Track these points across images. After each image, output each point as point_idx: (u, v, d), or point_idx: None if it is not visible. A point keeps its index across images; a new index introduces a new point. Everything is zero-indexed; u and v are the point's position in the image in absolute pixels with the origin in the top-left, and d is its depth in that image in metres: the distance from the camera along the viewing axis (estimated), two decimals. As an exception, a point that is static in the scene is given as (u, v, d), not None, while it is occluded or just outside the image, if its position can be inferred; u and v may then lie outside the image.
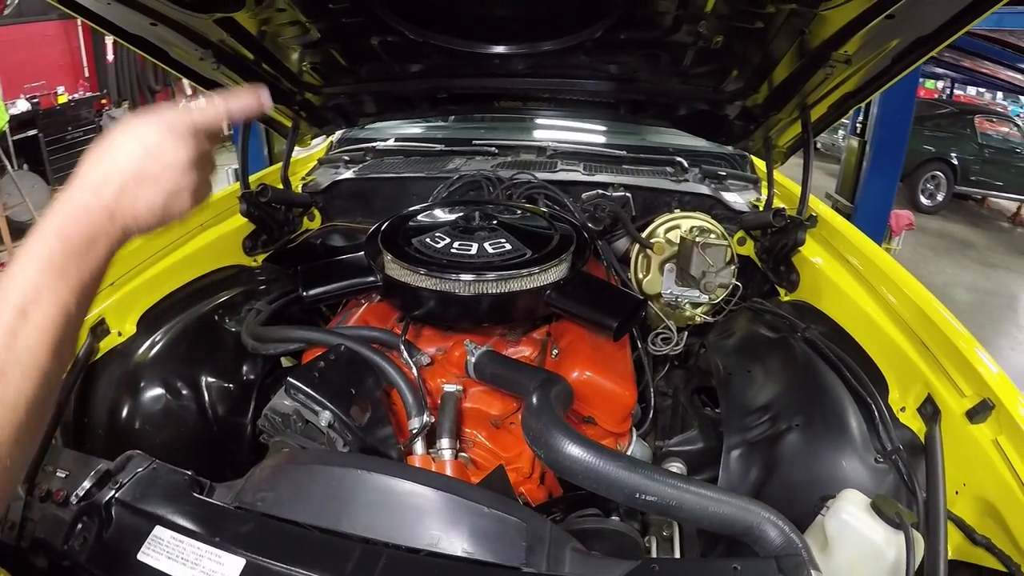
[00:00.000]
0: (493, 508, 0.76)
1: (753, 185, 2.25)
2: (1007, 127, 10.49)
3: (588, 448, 0.86)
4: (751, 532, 0.84)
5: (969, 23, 1.07)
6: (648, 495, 0.82)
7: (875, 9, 1.08)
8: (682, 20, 1.34)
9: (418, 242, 1.43)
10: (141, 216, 0.68)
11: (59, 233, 0.64)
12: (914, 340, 1.28)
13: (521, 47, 1.54)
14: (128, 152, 0.68)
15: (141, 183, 0.68)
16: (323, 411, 1.11)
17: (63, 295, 0.62)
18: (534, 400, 0.99)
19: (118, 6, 1.30)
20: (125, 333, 1.44)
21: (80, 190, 0.67)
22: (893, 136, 5.42)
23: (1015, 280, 7.43)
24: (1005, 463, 1.02)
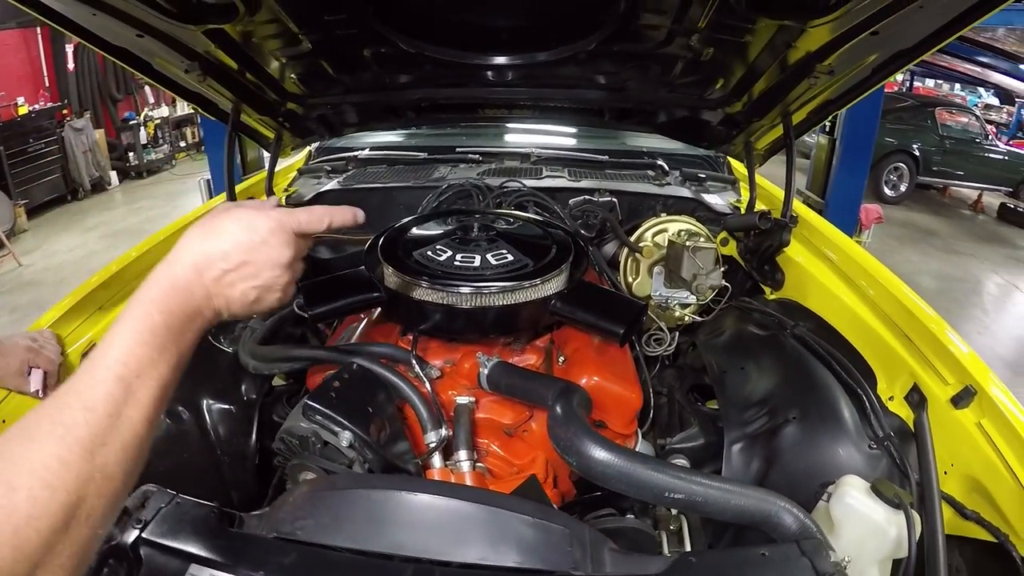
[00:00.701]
0: (536, 517, 0.78)
1: (731, 186, 2.33)
2: (966, 118, 10.96)
3: (619, 453, 0.90)
4: (769, 520, 0.90)
5: (946, 39, 1.15)
6: (677, 493, 0.86)
7: (861, 26, 1.15)
8: (675, 34, 1.38)
9: (420, 255, 1.44)
10: (234, 303, 0.72)
11: (163, 308, 0.66)
12: (898, 333, 1.37)
13: (515, 58, 1.56)
14: (235, 240, 0.71)
15: (242, 273, 0.71)
16: (343, 431, 1.10)
17: (163, 372, 0.64)
18: (559, 410, 1.02)
19: (104, 17, 1.28)
20: None
21: (183, 267, 0.69)
22: (861, 134, 5.64)
23: (978, 266, 7.83)
24: (989, 444, 1.11)
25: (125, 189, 9.57)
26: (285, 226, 0.73)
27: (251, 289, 0.72)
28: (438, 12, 1.48)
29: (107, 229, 7.71)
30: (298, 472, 1.17)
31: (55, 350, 1.32)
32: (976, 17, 1.07)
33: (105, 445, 0.57)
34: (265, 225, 0.72)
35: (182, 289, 0.67)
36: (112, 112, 9.79)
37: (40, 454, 0.53)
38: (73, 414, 0.57)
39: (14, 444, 0.54)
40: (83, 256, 6.84)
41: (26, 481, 0.51)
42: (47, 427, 0.55)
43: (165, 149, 10.47)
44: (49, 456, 0.53)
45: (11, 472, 0.52)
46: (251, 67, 1.67)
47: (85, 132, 8.64)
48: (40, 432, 0.55)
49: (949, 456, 1.17)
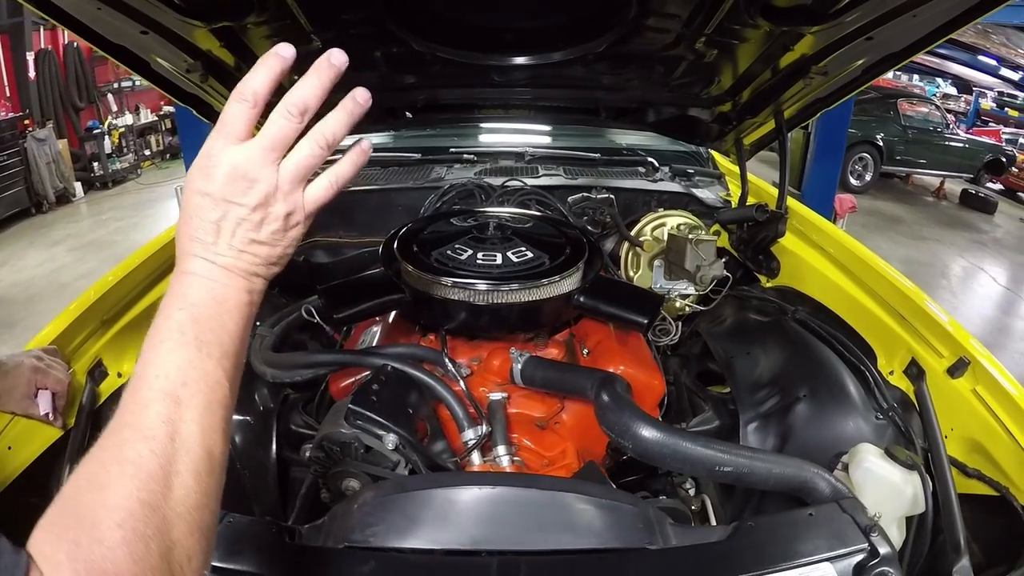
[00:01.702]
0: (606, 499, 0.84)
1: (717, 180, 2.43)
2: (927, 108, 11.38)
3: (672, 433, 0.97)
4: (806, 486, 0.99)
5: (933, 43, 1.25)
6: (726, 467, 0.94)
7: (857, 32, 1.24)
8: (683, 37, 1.43)
9: (440, 255, 1.46)
10: (254, 257, 0.63)
11: (181, 303, 0.59)
12: (891, 312, 1.48)
13: (526, 59, 1.58)
14: (192, 207, 0.61)
15: (224, 228, 0.61)
16: (388, 434, 1.12)
17: (209, 369, 0.57)
18: (606, 398, 1.09)
19: (109, 12, 1.21)
20: (125, 373, 1.38)
21: (181, 264, 0.62)
22: (834, 127, 5.85)
23: (944, 250, 8.17)
24: (985, 407, 1.22)
25: (91, 200, 9.29)
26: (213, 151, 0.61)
27: (249, 231, 0.62)
28: (452, 13, 1.49)
29: (75, 242, 7.50)
30: (339, 479, 1.16)
31: (63, 369, 1.24)
32: (964, 23, 1.17)
33: (178, 473, 0.52)
34: (202, 172, 0.61)
35: (191, 279, 0.61)
36: (75, 121, 9.49)
37: (119, 499, 0.48)
38: (136, 447, 0.51)
39: (86, 495, 0.49)
40: (52, 271, 6.66)
41: (117, 536, 0.46)
42: (115, 469, 0.50)
43: (130, 158, 10.18)
44: (130, 500, 0.48)
45: (97, 528, 0.46)
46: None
47: (48, 142, 8.33)
48: (109, 476, 0.49)
49: (949, 421, 1.28)
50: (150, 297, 1.58)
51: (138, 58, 1.49)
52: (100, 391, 1.31)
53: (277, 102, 0.63)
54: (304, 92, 0.63)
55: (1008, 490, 1.15)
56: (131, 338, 1.44)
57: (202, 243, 0.61)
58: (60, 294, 5.90)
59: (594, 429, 1.19)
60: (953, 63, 12.83)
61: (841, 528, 0.86)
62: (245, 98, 0.61)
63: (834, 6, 1.19)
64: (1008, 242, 8.99)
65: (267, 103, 0.63)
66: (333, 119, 0.64)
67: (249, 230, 0.62)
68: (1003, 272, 7.60)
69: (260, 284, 0.64)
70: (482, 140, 2.75)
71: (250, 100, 0.61)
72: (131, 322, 1.47)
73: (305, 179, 0.64)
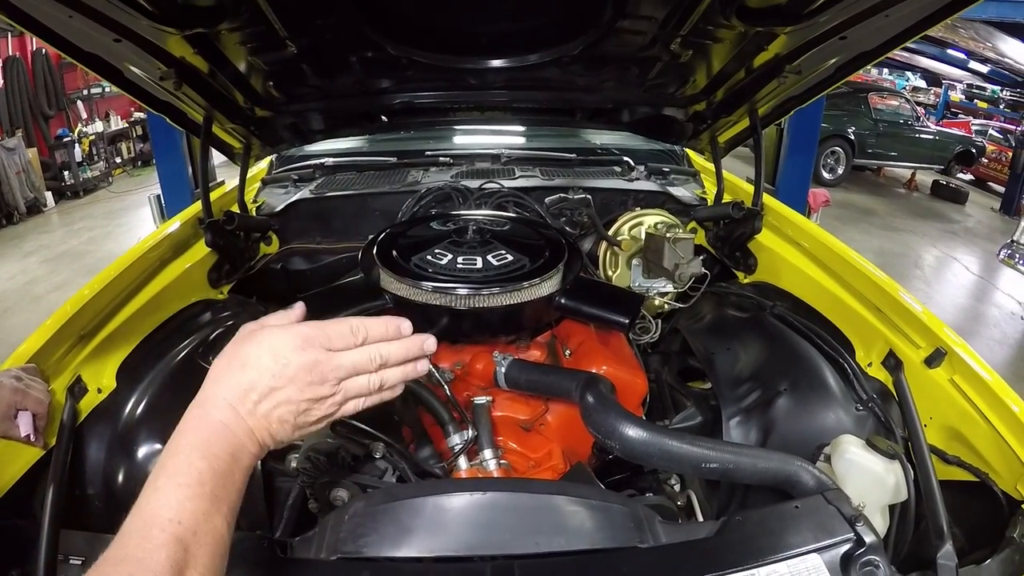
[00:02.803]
0: (597, 499, 0.85)
1: (693, 178, 2.45)
2: (897, 101, 11.59)
3: (659, 433, 0.98)
4: (791, 479, 1.01)
5: (904, 41, 1.27)
6: (712, 463, 0.95)
7: (831, 31, 1.26)
8: (659, 39, 1.44)
9: (419, 260, 1.45)
10: (278, 431, 0.70)
11: (204, 452, 0.62)
12: (868, 305, 1.49)
13: (502, 61, 1.58)
14: (261, 368, 0.68)
15: (276, 400, 0.68)
16: (375, 442, 1.12)
17: (217, 523, 0.60)
18: (591, 399, 1.09)
19: (81, 20, 1.20)
20: (105, 389, 1.35)
21: (216, 406, 0.66)
22: (807, 123, 5.90)
23: (917, 241, 8.34)
24: (962, 396, 1.24)
25: (62, 210, 9.12)
26: (313, 342, 0.70)
27: (289, 413, 0.69)
28: (427, 17, 1.49)
29: (47, 253, 7.35)
30: (327, 489, 1.16)
31: (43, 389, 1.21)
32: (936, 21, 1.19)
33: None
34: (290, 346, 0.69)
35: (221, 429, 0.65)
36: (44, 130, 9.28)
37: None
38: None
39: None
40: (25, 283, 6.52)
41: None
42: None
43: (101, 166, 10.00)
44: None
45: None
46: (228, 74, 1.61)
47: (17, 152, 8.17)
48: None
49: (927, 411, 1.30)
50: (128, 310, 1.54)
51: (110, 66, 1.47)
52: (80, 408, 1.28)
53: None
54: (393, 352, 0.75)
55: (987, 475, 1.17)
56: (110, 352, 1.41)
57: (244, 396, 0.67)
58: (34, 307, 5.78)
59: (579, 429, 1.20)
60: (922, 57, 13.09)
61: (827, 519, 0.87)
62: (356, 335, 0.73)
63: (808, 7, 1.21)
64: (979, 231, 9.21)
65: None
66: (396, 353, 0.76)
67: (289, 411, 0.69)
68: (975, 261, 7.78)
69: (266, 451, 0.71)
70: (458, 142, 2.74)
71: (359, 339, 0.73)
72: (109, 336, 1.44)
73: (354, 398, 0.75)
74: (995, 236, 8.46)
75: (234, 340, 0.72)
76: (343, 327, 0.73)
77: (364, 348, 0.74)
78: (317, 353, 0.70)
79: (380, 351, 0.74)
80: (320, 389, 0.70)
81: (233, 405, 0.67)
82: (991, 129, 12.65)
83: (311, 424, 0.73)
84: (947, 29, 8.78)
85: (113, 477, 1.23)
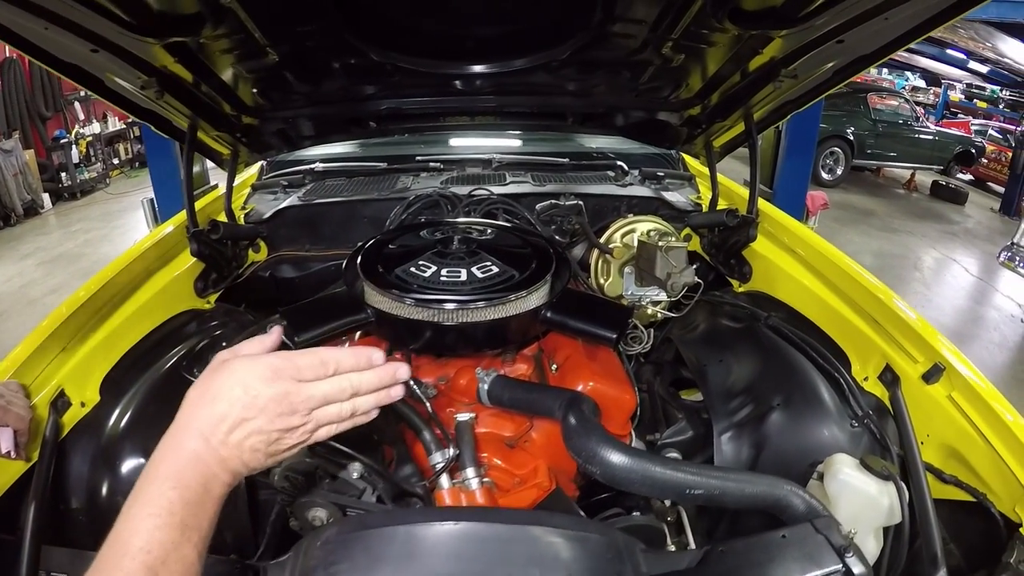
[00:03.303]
0: (574, 530, 0.81)
1: (688, 183, 2.40)
2: (896, 101, 11.52)
3: (641, 458, 0.94)
4: (779, 504, 0.96)
5: (904, 45, 1.23)
6: (697, 489, 0.91)
7: (828, 35, 1.22)
8: (649, 42, 1.41)
9: (403, 272, 1.41)
10: (251, 460, 0.71)
11: (176, 482, 0.64)
12: (865, 317, 1.46)
13: (488, 67, 1.55)
14: (232, 399, 0.69)
15: (247, 430, 0.70)
16: (352, 462, 1.09)
17: (186, 552, 0.62)
18: (574, 421, 1.05)
19: (58, 32, 1.20)
20: (88, 402, 1.34)
21: (188, 436, 0.68)
22: (805, 125, 5.82)
23: (916, 242, 8.27)
24: (961, 413, 1.20)
25: (59, 212, 9.09)
26: (283, 373, 0.72)
27: (260, 443, 0.71)
28: (411, 22, 1.46)
29: (44, 255, 7.32)
30: (306, 509, 1.12)
31: (24, 405, 1.20)
32: (936, 25, 1.15)
33: None
34: (261, 377, 0.71)
35: (192, 459, 0.67)
36: (42, 131, 9.26)
37: None
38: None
39: None
40: (21, 286, 6.49)
41: None
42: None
43: (99, 167, 9.98)
44: None
45: None
46: (211, 82, 1.60)
47: (14, 154, 8.15)
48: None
49: (924, 428, 1.26)
50: (112, 322, 1.52)
51: (91, 75, 1.46)
52: (64, 422, 1.28)
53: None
54: (364, 381, 0.76)
55: (985, 496, 1.13)
56: (94, 365, 1.40)
57: (215, 426, 0.69)
58: (29, 310, 5.76)
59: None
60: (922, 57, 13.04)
61: (814, 550, 0.83)
62: (326, 366, 0.74)
63: (803, 10, 1.17)
64: (979, 232, 9.15)
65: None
66: (368, 382, 0.77)
67: (260, 441, 0.71)
68: (975, 262, 7.72)
69: (239, 479, 0.72)
70: (449, 148, 2.70)
71: (329, 370, 0.74)
72: (93, 348, 1.42)
73: (326, 425, 0.76)
74: (995, 237, 8.42)
75: (207, 370, 0.74)
76: (314, 358, 0.74)
77: (335, 378, 0.75)
78: (287, 384, 0.71)
79: (351, 381, 0.76)
80: (291, 419, 0.72)
81: (205, 435, 0.68)
82: (991, 129, 12.61)
83: (283, 452, 0.74)
84: (947, 29, 8.72)
85: (97, 492, 1.22)
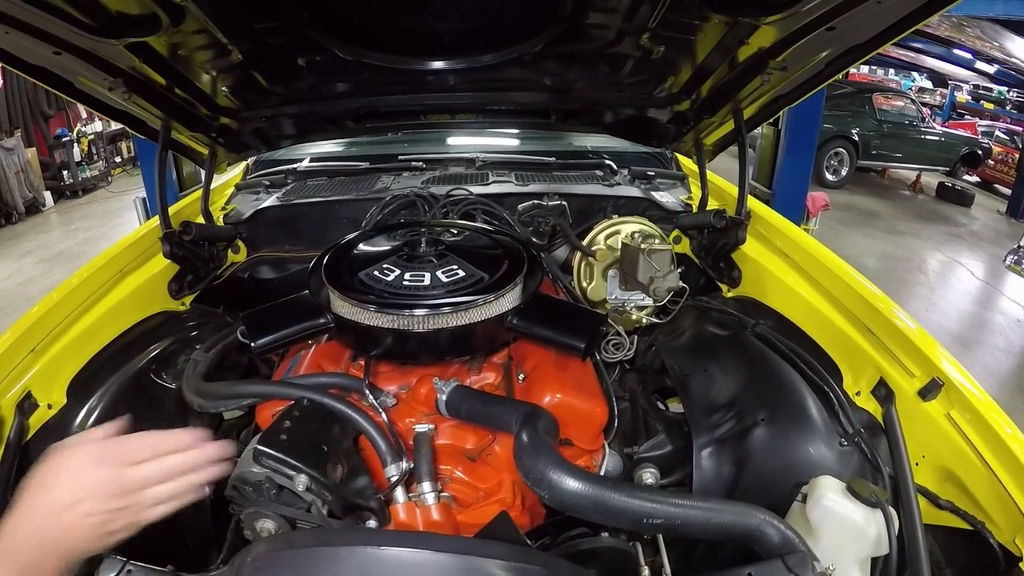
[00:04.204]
0: (512, 560, 0.72)
1: (680, 182, 2.31)
2: (902, 102, 11.39)
3: (593, 483, 0.85)
4: (751, 535, 0.87)
5: (900, 34, 1.14)
6: (655, 518, 0.82)
7: (817, 22, 1.13)
8: (625, 33, 1.33)
9: (367, 276, 1.36)
10: (81, 541, 0.76)
11: (12, 559, 0.70)
12: (860, 327, 1.36)
13: (457, 62, 1.49)
14: (62, 484, 0.76)
15: (77, 512, 0.75)
16: (298, 475, 1.03)
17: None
18: (525, 438, 0.97)
19: (18, 35, 1.20)
20: (55, 404, 1.32)
21: (26, 520, 0.74)
22: (805, 123, 5.72)
23: (921, 244, 8.13)
24: (959, 433, 1.11)
25: (61, 209, 9.12)
26: (109, 460, 0.79)
27: (92, 525, 0.77)
28: (375, 17, 1.41)
29: (44, 253, 7.32)
30: (254, 520, 1.08)
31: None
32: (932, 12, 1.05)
33: None
34: (88, 464, 0.78)
35: (27, 541, 0.73)
36: (44, 129, 9.29)
37: None
38: None
39: None
40: (19, 284, 6.48)
41: None
42: None
43: (100, 165, 10.02)
44: None
45: None
46: (180, 82, 1.58)
47: (16, 152, 8.19)
48: None
49: (920, 448, 1.17)
50: (83, 323, 1.50)
51: (60, 78, 1.47)
52: (30, 424, 1.28)
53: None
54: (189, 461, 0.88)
55: (984, 525, 1.04)
56: (62, 367, 1.39)
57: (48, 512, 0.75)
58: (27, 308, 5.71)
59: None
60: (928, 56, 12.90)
61: (785, 591, 0.74)
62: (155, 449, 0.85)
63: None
64: (985, 235, 9.01)
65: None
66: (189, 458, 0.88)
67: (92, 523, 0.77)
68: (980, 265, 7.58)
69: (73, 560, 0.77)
70: (435, 147, 2.64)
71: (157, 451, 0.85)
72: (62, 350, 1.41)
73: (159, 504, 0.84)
74: (1001, 240, 8.29)
75: (42, 462, 0.80)
76: (140, 442, 0.83)
77: (160, 460, 0.83)
78: (114, 469, 0.79)
79: (177, 461, 0.84)
80: (120, 501, 0.78)
81: (39, 521, 0.74)
82: (997, 130, 12.47)
83: (117, 532, 0.80)
84: (953, 28, 8.57)
85: None
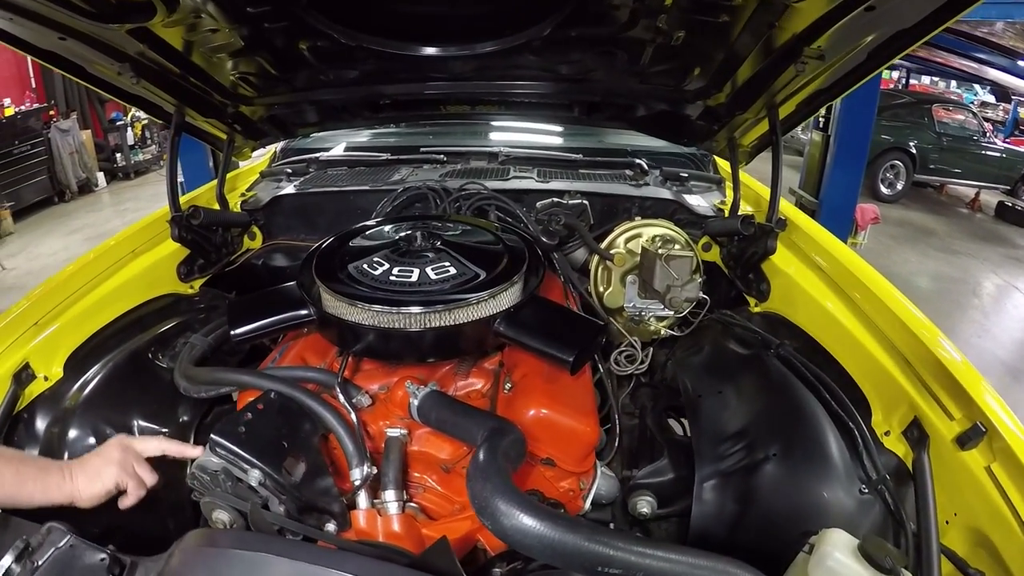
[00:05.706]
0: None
1: (716, 186, 2.17)
2: (963, 115, 10.85)
3: (543, 519, 0.73)
4: None
5: (952, 17, 0.98)
6: (611, 567, 0.70)
7: (853, 1, 0.98)
8: (639, 14, 1.23)
9: (355, 269, 1.29)
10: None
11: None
12: (897, 357, 1.20)
13: (461, 48, 1.42)
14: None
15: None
16: (252, 469, 1.00)
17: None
18: (480, 458, 0.86)
19: (22, 20, 1.22)
20: (52, 377, 1.33)
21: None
22: (857, 131, 5.40)
23: (977, 266, 7.61)
24: (999, 492, 0.94)
25: (112, 190, 9.43)
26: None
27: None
28: (377, 3, 1.36)
29: (92, 231, 7.57)
30: (211, 510, 1.08)
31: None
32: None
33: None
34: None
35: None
36: (99, 113, 9.60)
37: None
38: None
39: None
40: (65, 259, 6.68)
41: None
42: None
43: (153, 149, 10.31)
44: None
45: None
46: (187, 68, 1.57)
47: (71, 133, 8.48)
48: None
49: (952, 504, 1.01)
50: (89, 299, 1.51)
51: (72, 63, 1.48)
52: (26, 394, 1.29)
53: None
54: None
55: (1017, 604, 0.88)
56: (61, 340, 1.40)
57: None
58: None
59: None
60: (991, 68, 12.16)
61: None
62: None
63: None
64: (1046, 259, 8.37)
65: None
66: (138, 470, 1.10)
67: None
68: (1039, 292, 7.04)
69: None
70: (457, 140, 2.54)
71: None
72: (64, 325, 1.42)
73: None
74: (1063, 265, 7.69)
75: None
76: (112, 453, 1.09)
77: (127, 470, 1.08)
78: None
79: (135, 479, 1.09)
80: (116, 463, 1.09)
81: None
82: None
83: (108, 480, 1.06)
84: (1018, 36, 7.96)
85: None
